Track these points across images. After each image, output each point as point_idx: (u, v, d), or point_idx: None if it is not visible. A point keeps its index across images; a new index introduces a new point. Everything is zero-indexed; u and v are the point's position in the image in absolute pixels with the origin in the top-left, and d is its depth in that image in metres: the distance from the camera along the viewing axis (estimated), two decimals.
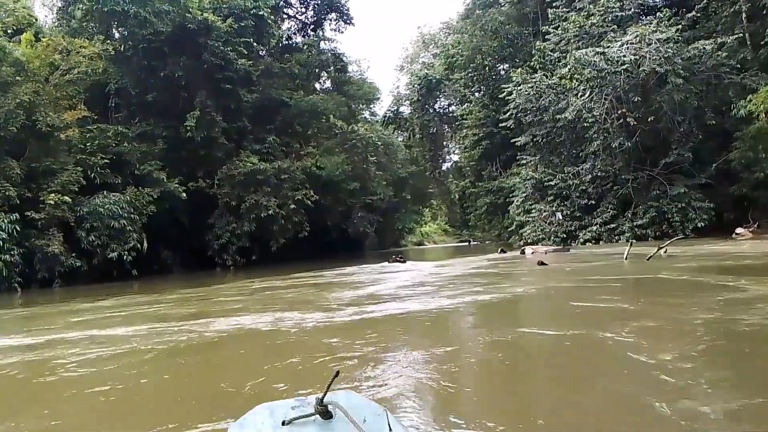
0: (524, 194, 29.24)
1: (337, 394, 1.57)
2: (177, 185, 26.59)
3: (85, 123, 25.37)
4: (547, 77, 27.00)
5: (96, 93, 27.94)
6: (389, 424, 1.49)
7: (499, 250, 22.41)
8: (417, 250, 61.34)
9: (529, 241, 26.85)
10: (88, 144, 24.73)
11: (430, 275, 13.25)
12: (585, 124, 24.78)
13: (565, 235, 25.99)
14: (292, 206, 29.98)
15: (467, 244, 75.92)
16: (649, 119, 23.90)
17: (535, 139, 28.86)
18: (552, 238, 25.90)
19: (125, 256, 22.49)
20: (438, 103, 50.66)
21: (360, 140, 43.54)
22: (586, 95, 24.65)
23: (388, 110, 52.50)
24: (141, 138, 27.71)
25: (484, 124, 38.60)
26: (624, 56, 23.12)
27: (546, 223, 26.81)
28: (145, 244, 24.40)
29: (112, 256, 22.11)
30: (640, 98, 23.82)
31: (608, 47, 23.34)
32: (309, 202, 30.92)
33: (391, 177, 55.67)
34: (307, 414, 1.49)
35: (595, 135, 25.02)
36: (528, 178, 29.06)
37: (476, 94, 41.19)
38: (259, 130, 32.35)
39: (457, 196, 65.51)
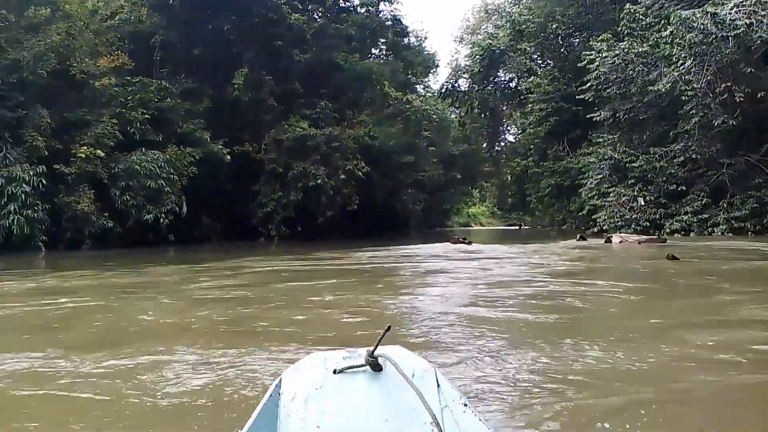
0: (600, 176, 26.14)
1: (387, 348, 1.52)
2: (221, 147, 24.62)
3: (126, 75, 23.67)
4: (636, 44, 23.66)
5: (140, 46, 26.17)
6: (438, 380, 1.46)
7: (578, 236, 19.61)
8: (463, 231, 58.78)
9: (605, 228, 23.89)
10: (129, 98, 22.98)
11: (528, 266, 10.57)
12: (684, 97, 21.47)
13: (647, 224, 22.96)
14: (342, 177, 27.69)
15: (517, 227, 73.23)
16: (759, 95, 20.52)
17: (616, 115, 25.65)
18: (633, 226, 22.88)
19: (162, 220, 20.70)
20: (500, 76, 47.30)
21: (414, 112, 41.06)
22: (686, 65, 21.35)
23: (446, 82, 49.46)
24: (185, 95, 25.82)
25: (553, 98, 35.33)
26: (736, 20, 19.76)
27: (626, 209, 23.75)
28: (185, 208, 22.62)
29: (147, 218, 20.35)
30: (752, 69, 20.39)
31: (718, 7, 19.97)
32: (360, 174, 28.56)
33: (442, 154, 53.28)
34: (358, 365, 1.47)
35: (693, 111, 21.70)
36: (605, 158, 25.92)
37: (545, 66, 37.86)
38: (310, 93, 30.05)
39: (512, 177, 62.44)
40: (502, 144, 53.65)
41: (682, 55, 21.47)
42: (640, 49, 23.36)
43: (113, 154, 20.64)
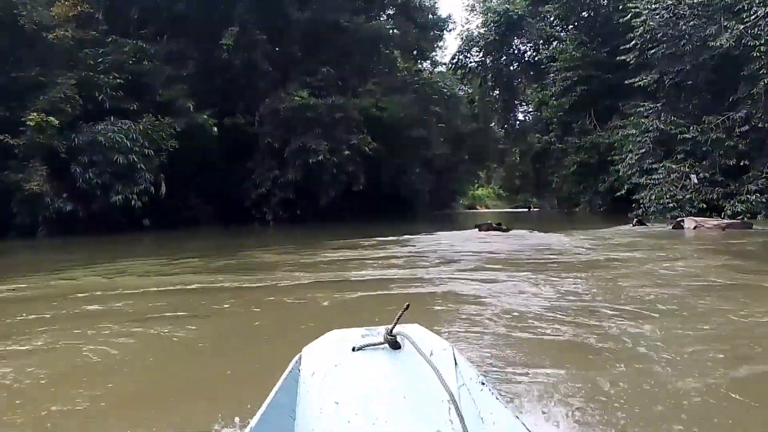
0: (642, 150, 22.77)
1: (406, 327, 1.55)
2: (207, 117, 21.35)
3: (95, 33, 20.38)
4: None
5: (116, 3, 22.82)
6: (455, 359, 1.48)
7: (634, 221, 16.35)
8: (469, 214, 55.85)
9: (651, 210, 20.64)
10: (99, 60, 19.74)
11: (656, 275, 7.07)
12: (756, 53, 18.03)
13: (704, 205, 19.67)
14: (347, 153, 24.41)
15: (527, 210, 70.01)
16: None
17: (664, 79, 22.20)
18: (687, 207, 19.61)
19: (133, 202, 17.50)
20: (517, 45, 43.57)
21: (425, 85, 37.75)
22: (757, 14, 17.91)
23: (458, 52, 45.67)
24: (168, 59, 22.51)
25: (580, 65, 31.78)
26: None
27: (676, 187, 20.46)
28: (163, 188, 19.44)
29: (116, 199, 17.17)
30: None
31: None
32: (367, 149, 25.27)
33: (450, 133, 50.29)
34: (377, 342, 1.50)
35: (764, 71, 18.30)
36: (648, 129, 22.51)
37: (570, 31, 34.26)
38: (310, 58, 26.67)
39: (526, 156, 58.99)
40: (518, 120, 49.98)
41: (751, 4, 18.02)
42: (695, 0, 19.86)
43: (77, 124, 17.43)
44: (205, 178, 24.85)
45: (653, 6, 20.87)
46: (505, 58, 43.19)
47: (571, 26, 37.10)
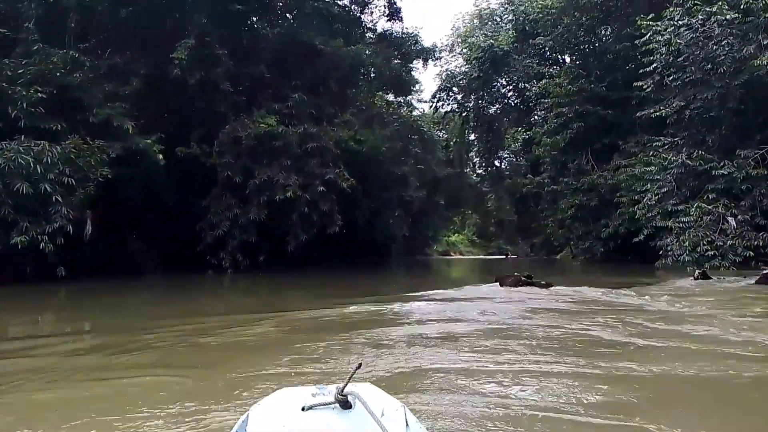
0: (663, 190, 19.69)
1: (357, 386, 1.52)
2: (152, 142, 17.57)
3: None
4: (723, 10, 17.44)
5: (50, 11, 19.20)
6: (407, 420, 1.48)
7: (696, 273, 12.91)
8: (443, 261, 53.14)
9: (682, 258, 17.37)
10: (20, 72, 16.01)
11: None
12: None
13: (750, 252, 16.48)
14: (321, 189, 20.76)
15: (503, 257, 67.71)
16: None
17: (689, 108, 19.34)
18: (728, 256, 16.39)
19: (42, 244, 13.41)
20: (500, 84, 41.10)
21: (404, 122, 34.93)
22: None
23: (439, 90, 43.00)
24: (109, 73, 18.86)
25: (576, 100, 29.14)
26: None
27: (713, 231, 17.28)
28: (89, 228, 15.42)
29: (17, 240, 13.07)
30: None
31: None
32: (344, 186, 21.66)
33: (427, 176, 48.06)
34: (327, 402, 1.45)
35: None
36: (670, 165, 19.50)
37: (562, 65, 31.81)
38: (280, 82, 23.28)
39: (494, 203, 56.74)
40: (502, 162, 47.26)
41: None
42: (729, 16, 17.16)
43: None
44: (150, 217, 20.92)
45: (678, 23, 18.12)
46: (487, 97, 40.56)
47: (564, 59, 34.87)
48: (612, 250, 27.47)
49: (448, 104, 43.69)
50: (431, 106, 43.88)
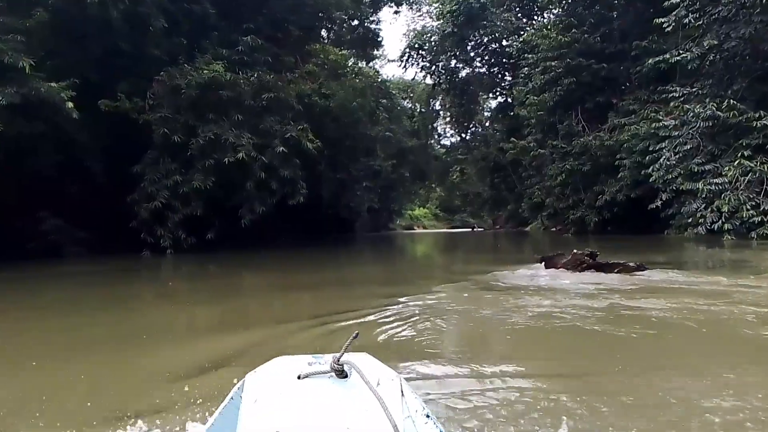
0: (686, 147, 16.75)
1: (354, 355, 1.53)
2: (58, 88, 13.60)
3: None
4: None
5: None
6: (402, 390, 1.46)
7: None
8: (418, 235, 50.62)
9: (724, 227, 14.53)
10: None
11: None
12: None
13: None
14: (280, 150, 17.13)
15: (470, 230, 65.77)
16: None
17: (718, 51, 16.34)
18: None
19: None
20: (477, 40, 37.55)
21: (371, 82, 31.42)
22: None
23: (408, 48, 39.16)
24: (10, 4, 14.71)
25: (567, 53, 26.01)
26: None
27: (757, 194, 14.43)
28: None
29: None
30: None
31: None
32: (309, 147, 18.06)
33: (393, 148, 45.32)
34: (323, 371, 1.47)
35: None
36: (696, 117, 16.53)
37: (553, 13, 28.57)
38: (230, 25, 19.40)
39: (457, 175, 54.45)
40: (474, 128, 43.99)
41: None
42: None
43: None
44: (71, 189, 16.99)
45: None
46: (462, 55, 37.02)
47: (547, 12, 31.70)
48: (606, 221, 24.74)
49: (418, 64, 40.01)
50: (399, 65, 40.14)
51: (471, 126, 43.85)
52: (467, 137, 45.51)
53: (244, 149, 16.14)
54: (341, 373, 1.43)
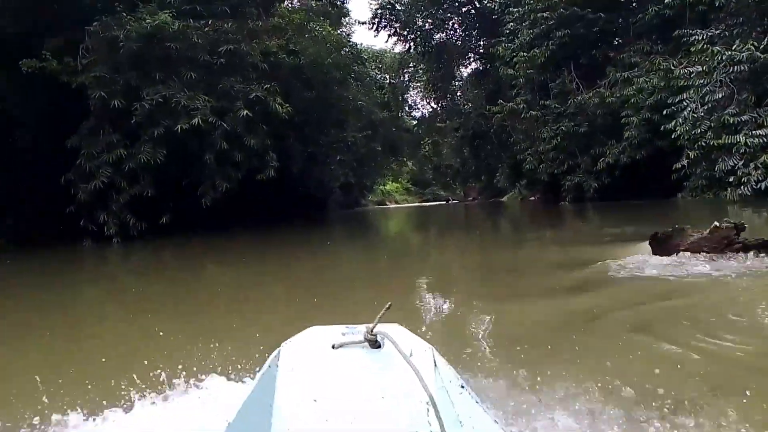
0: (717, 96, 14.52)
1: (387, 326, 1.48)
2: None
3: None
4: None
5: None
6: (435, 361, 1.42)
7: None
8: (390, 210, 49.01)
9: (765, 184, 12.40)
10: None
11: None
12: None
13: None
14: (245, 114, 14.34)
15: (445, 202, 64.47)
16: None
17: None
18: None
19: None
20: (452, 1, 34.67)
21: (341, 44, 28.54)
22: None
23: (381, 9, 36.10)
24: None
25: (557, 3, 23.57)
26: None
27: None
28: None
29: None
30: None
31: None
32: (279, 110, 15.29)
33: (363, 120, 42.71)
34: (357, 341, 1.44)
35: None
36: (728, 59, 14.25)
37: None
38: None
39: (428, 148, 52.87)
40: (451, 94, 41.29)
41: None
42: None
43: None
44: None
45: None
46: (441, 14, 34.13)
47: None
48: (607, 187, 22.64)
49: (390, 26, 36.92)
50: (371, 28, 37.05)
51: (447, 94, 41.18)
52: (445, 105, 42.85)
53: (200, 113, 13.35)
54: (375, 344, 1.39)
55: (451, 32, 38.67)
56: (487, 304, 4.50)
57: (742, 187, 12.86)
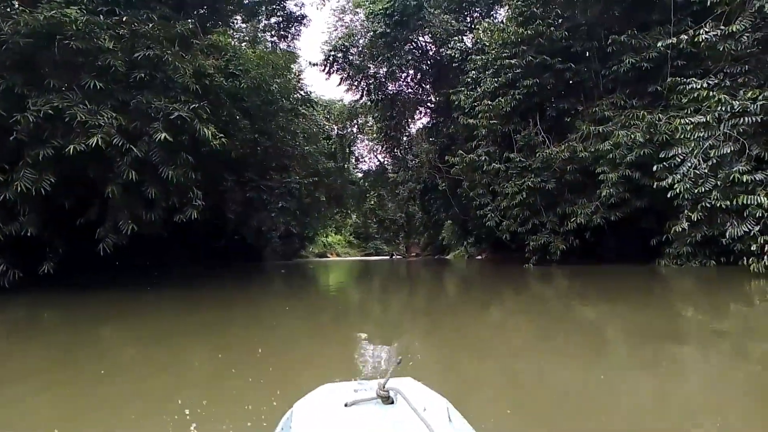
0: (724, 150, 12.62)
1: (399, 380, 1.54)
2: None
3: None
4: None
5: None
6: (449, 415, 1.43)
7: None
8: (321, 263, 46.64)
9: None
10: None
11: None
12: None
13: None
14: (163, 137, 11.32)
15: (388, 257, 63.54)
16: None
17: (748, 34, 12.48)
18: None
19: None
20: (413, 41, 33.03)
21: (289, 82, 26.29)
22: None
23: (330, 51, 34.00)
24: None
25: (527, 50, 22.01)
26: None
27: None
28: None
29: None
30: None
31: None
32: (209, 138, 12.34)
33: (307, 168, 40.35)
34: (369, 398, 1.46)
35: None
36: (739, 107, 12.42)
37: (505, 8, 24.65)
38: None
39: (374, 201, 51.83)
40: (403, 145, 39.33)
41: None
42: None
43: None
44: None
45: None
46: (397, 60, 32.34)
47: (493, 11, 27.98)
48: (574, 248, 20.62)
49: (343, 70, 34.86)
50: (323, 70, 34.83)
51: (399, 145, 39.26)
52: (395, 156, 40.85)
53: (102, 132, 10.25)
54: (387, 400, 1.40)
55: (403, 84, 37.14)
56: None
57: (764, 258, 10.79)
